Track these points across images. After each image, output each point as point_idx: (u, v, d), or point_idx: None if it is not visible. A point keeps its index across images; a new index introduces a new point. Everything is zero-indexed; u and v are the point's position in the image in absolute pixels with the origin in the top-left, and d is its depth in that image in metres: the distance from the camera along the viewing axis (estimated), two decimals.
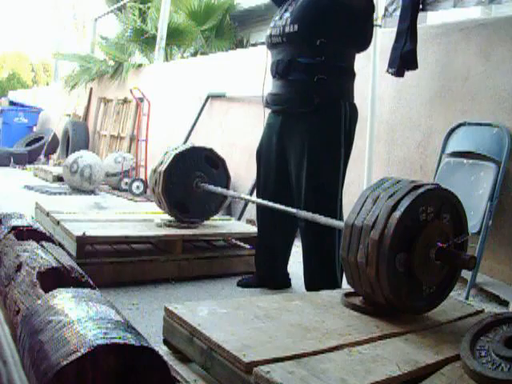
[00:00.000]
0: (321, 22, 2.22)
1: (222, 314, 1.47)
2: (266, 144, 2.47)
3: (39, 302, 1.12)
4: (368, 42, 2.34)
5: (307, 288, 2.36)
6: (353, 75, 2.36)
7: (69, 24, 21.34)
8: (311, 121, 2.26)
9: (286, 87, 2.32)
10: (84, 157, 5.39)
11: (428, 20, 3.95)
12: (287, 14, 2.33)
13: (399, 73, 3.01)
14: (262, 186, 2.53)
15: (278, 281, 2.60)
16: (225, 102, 5.11)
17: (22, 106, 9.84)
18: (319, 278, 2.32)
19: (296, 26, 2.24)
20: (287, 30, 2.28)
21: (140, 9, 8.02)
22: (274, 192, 2.43)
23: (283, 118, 2.37)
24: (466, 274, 2.47)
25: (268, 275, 2.59)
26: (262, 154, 2.51)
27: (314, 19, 2.22)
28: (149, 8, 7.89)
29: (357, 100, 2.40)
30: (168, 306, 1.49)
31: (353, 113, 2.32)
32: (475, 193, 2.69)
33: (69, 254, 2.30)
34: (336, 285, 2.26)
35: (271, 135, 2.43)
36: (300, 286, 2.65)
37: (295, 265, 2.90)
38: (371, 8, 2.33)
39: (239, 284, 2.61)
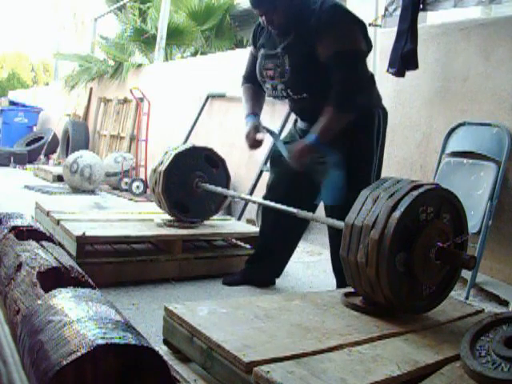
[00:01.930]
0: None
1: (222, 313, 1.47)
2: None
3: (39, 301, 1.12)
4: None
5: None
6: (373, 82, 2.27)
7: (69, 24, 21.33)
8: (345, 134, 2.14)
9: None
10: (84, 157, 5.39)
11: (428, 20, 3.94)
12: (281, 86, 2.20)
13: (399, 73, 3.01)
14: (273, 187, 2.49)
15: (264, 279, 2.58)
16: (225, 102, 5.11)
17: (22, 105, 9.84)
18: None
19: (305, 95, 2.17)
20: (296, 97, 2.21)
21: (140, 9, 8.03)
22: (285, 195, 2.37)
23: None
24: (466, 274, 2.47)
25: (258, 273, 2.56)
26: (279, 160, 2.43)
27: (322, 83, 2.10)
28: (149, 8, 7.89)
29: None
30: (168, 306, 1.49)
31: (384, 118, 2.27)
32: (475, 193, 2.69)
33: (69, 253, 2.29)
34: None
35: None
36: (300, 285, 2.65)
37: (295, 265, 2.90)
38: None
39: (225, 282, 2.57)
